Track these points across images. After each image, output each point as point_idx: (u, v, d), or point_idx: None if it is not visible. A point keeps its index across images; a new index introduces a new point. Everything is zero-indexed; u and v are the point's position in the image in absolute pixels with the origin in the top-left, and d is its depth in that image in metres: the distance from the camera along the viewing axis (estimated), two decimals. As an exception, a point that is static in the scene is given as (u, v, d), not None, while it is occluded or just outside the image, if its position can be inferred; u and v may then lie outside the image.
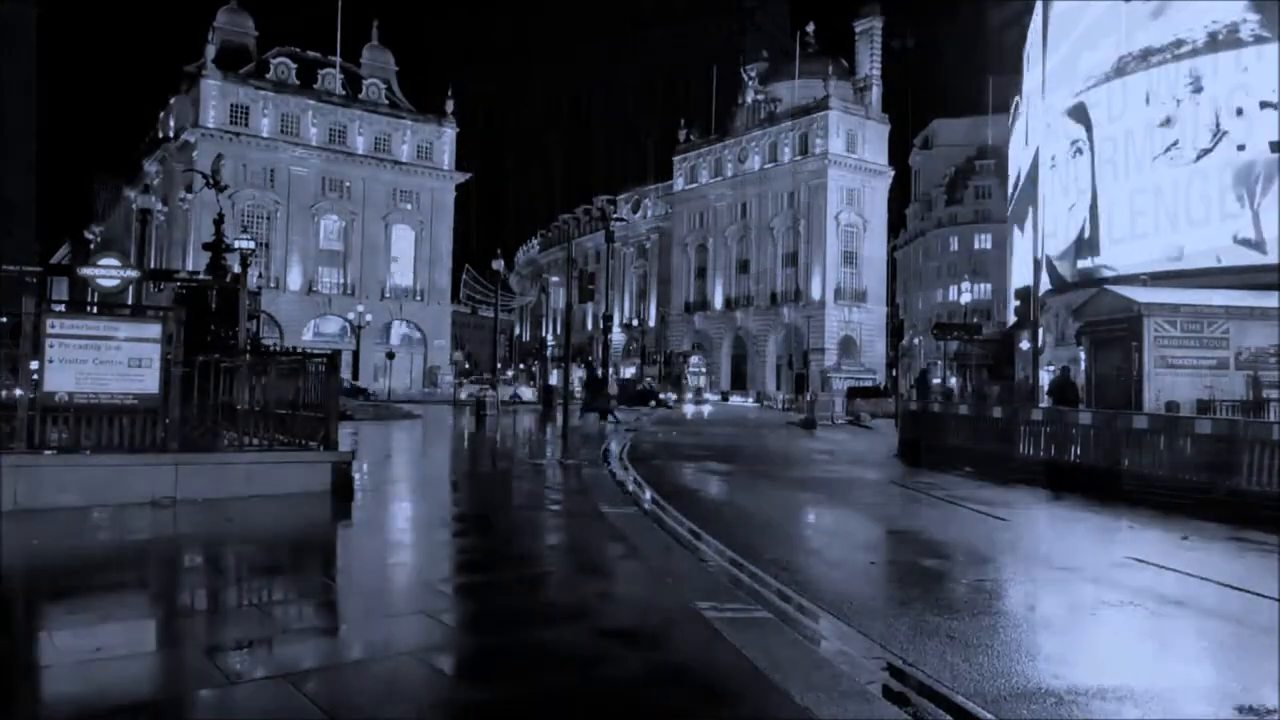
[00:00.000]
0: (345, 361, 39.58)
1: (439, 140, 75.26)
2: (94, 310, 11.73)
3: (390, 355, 61.14)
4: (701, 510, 11.01)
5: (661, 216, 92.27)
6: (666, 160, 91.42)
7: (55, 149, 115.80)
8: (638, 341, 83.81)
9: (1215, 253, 29.27)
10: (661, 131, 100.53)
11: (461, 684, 4.65)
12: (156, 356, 9.51)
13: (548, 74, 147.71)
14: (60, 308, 12.22)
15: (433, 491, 13.44)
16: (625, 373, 70.80)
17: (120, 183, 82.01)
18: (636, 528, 9.03)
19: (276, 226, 67.53)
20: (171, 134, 71.01)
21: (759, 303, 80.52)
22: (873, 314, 77.62)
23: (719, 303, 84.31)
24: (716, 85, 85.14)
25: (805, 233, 76.65)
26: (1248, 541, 9.53)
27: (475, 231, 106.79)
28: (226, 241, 23.25)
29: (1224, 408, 16.40)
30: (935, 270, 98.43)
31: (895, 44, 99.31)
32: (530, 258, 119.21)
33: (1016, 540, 10.22)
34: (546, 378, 61.71)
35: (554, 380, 47.60)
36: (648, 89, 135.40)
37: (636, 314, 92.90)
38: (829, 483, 15.53)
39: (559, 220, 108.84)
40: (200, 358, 10.20)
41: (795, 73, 79.37)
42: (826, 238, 75.08)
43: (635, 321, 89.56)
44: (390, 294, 72.30)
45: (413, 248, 73.89)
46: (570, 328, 30.96)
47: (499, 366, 52.50)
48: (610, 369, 39.31)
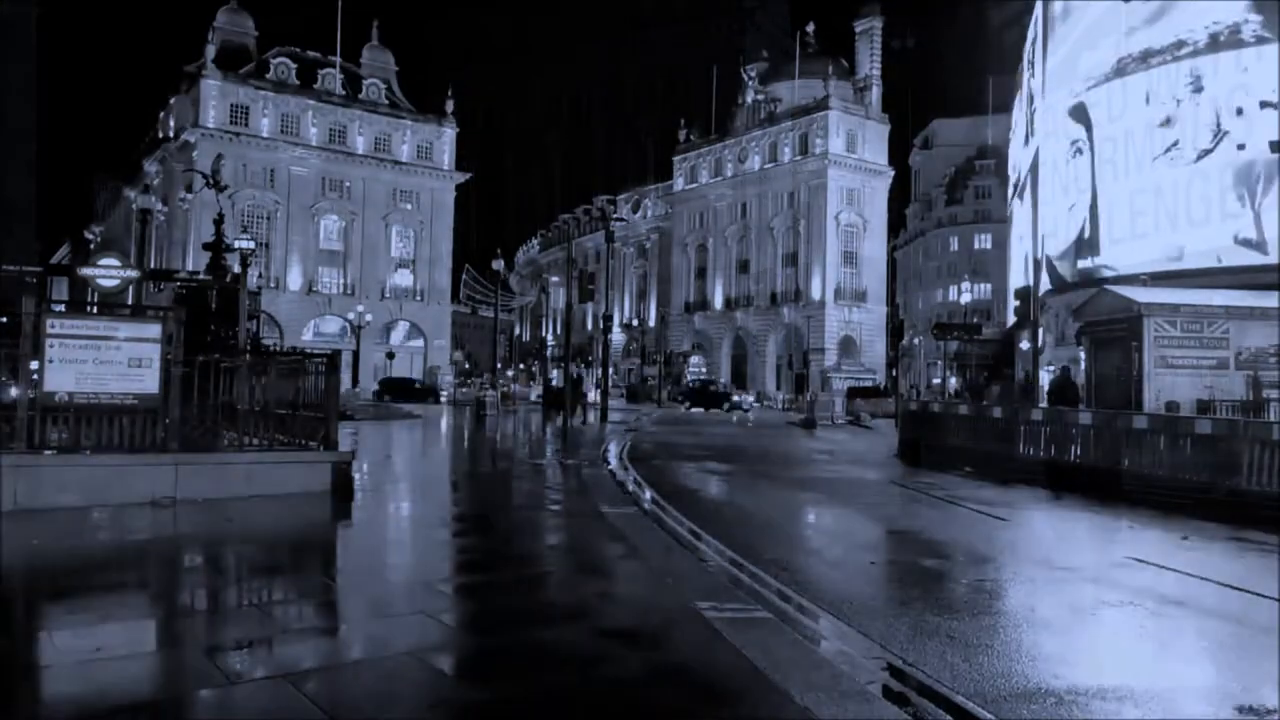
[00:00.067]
0: (345, 361, 39.52)
1: (439, 140, 75.24)
2: (94, 310, 11.74)
3: (390, 355, 61.17)
4: (701, 510, 11.01)
5: (661, 216, 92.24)
6: (666, 160, 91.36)
7: (55, 149, 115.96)
8: (638, 341, 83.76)
9: (1215, 253, 29.28)
10: (661, 131, 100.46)
11: (461, 684, 4.65)
12: (156, 356, 9.51)
13: (548, 74, 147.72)
14: (60, 308, 12.24)
15: (433, 491, 13.44)
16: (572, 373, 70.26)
17: (120, 183, 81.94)
18: (636, 528, 9.03)
19: (276, 226, 67.50)
20: (171, 134, 70.98)
21: (759, 303, 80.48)
22: (873, 314, 77.58)
23: (719, 303, 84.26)
24: (716, 85, 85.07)
25: (805, 233, 76.61)
26: (1248, 541, 9.53)
27: (475, 231, 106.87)
28: (226, 241, 23.25)
29: (1224, 408, 16.39)
30: (935, 270, 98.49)
31: (895, 44, 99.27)
32: (530, 258, 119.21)
33: (1016, 540, 10.23)
34: (548, 378, 61.66)
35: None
36: (648, 89, 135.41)
37: (636, 314, 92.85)
38: (829, 482, 15.53)
39: (559, 220, 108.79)
40: (200, 358, 10.20)
41: (795, 73, 79.32)
42: (826, 238, 75.03)
43: (635, 321, 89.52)
44: (390, 294, 72.30)
45: (413, 248, 73.91)
46: (570, 328, 30.95)
47: (499, 366, 52.45)
48: (609, 369, 39.23)
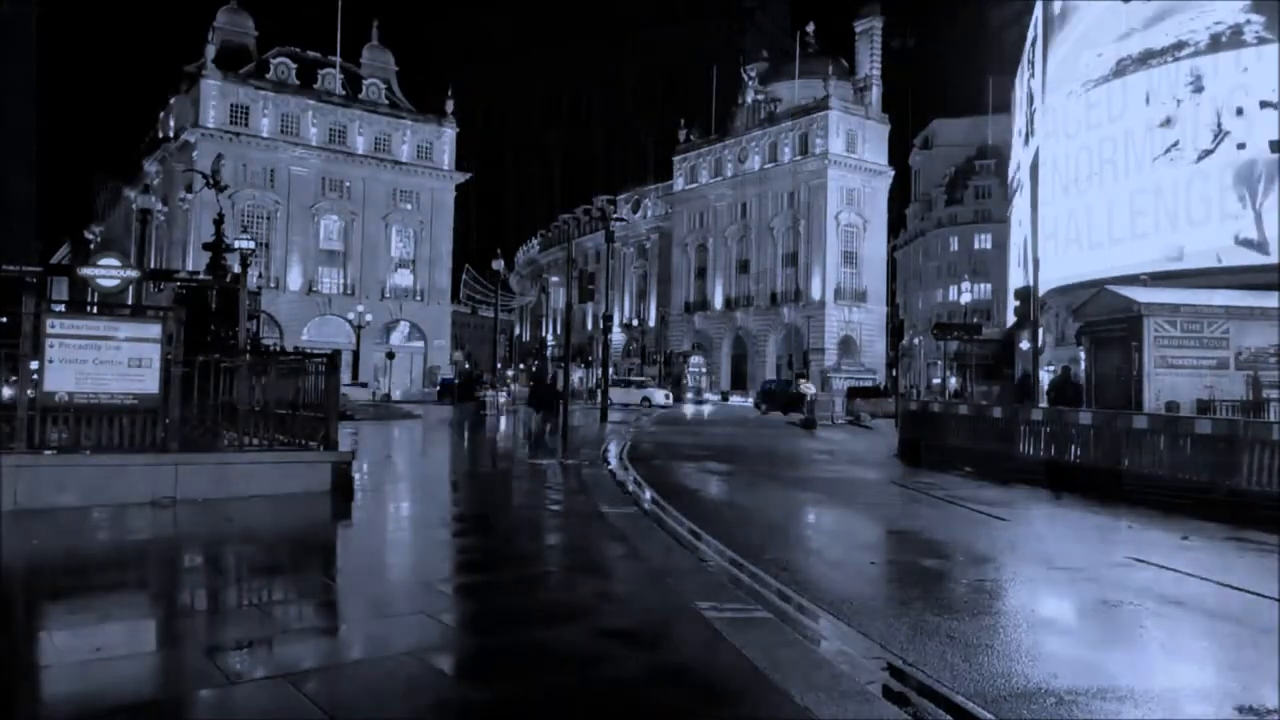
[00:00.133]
0: (345, 361, 39.54)
1: (439, 140, 75.24)
2: (94, 310, 11.74)
3: (390, 355, 61.16)
4: (701, 510, 11.01)
5: (661, 216, 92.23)
6: (666, 160, 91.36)
7: (55, 149, 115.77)
8: (638, 341, 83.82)
9: (1215, 253, 29.26)
10: (661, 131, 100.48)
11: (461, 684, 4.65)
12: (156, 356, 9.52)
13: (548, 74, 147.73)
14: (60, 308, 12.23)
15: (433, 491, 13.44)
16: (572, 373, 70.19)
17: (120, 183, 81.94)
18: (636, 528, 9.03)
19: (276, 226, 67.51)
20: (171, 134, 70.98)
21: (759, 303, 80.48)
22: (873, 314, 77.59)
23: (719, 303, 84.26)
24: (716, 85, 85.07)
25: (805, 233, 76.62)
26: (1248, 541, 9.53)
27: (475, 231, 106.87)
28: (226, 241, 23.24)
29: (1224, 408, 16.37)
30: (935, 270, 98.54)
31: (895, 44, 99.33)
32: (530, 258, 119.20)
33: (1016, 540, 10.22)
34: (539, 370, 61.52)
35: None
36: (648, 89, 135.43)
37: (636, 314, 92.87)
38: (829, 483, 15.53)
39: (559, 220, 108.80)
40: (200, 358, 10.21)
41: (795, 73, 79.34)
42: (826, 238, 75.04)
43: (635, 321, 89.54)
44: (390, 294, 72.31)
45: (413, 248, 73.90)
46: (570, 328, 30.88)
47: (499, 366, 52.41)
48: (609, 369, 39.18)
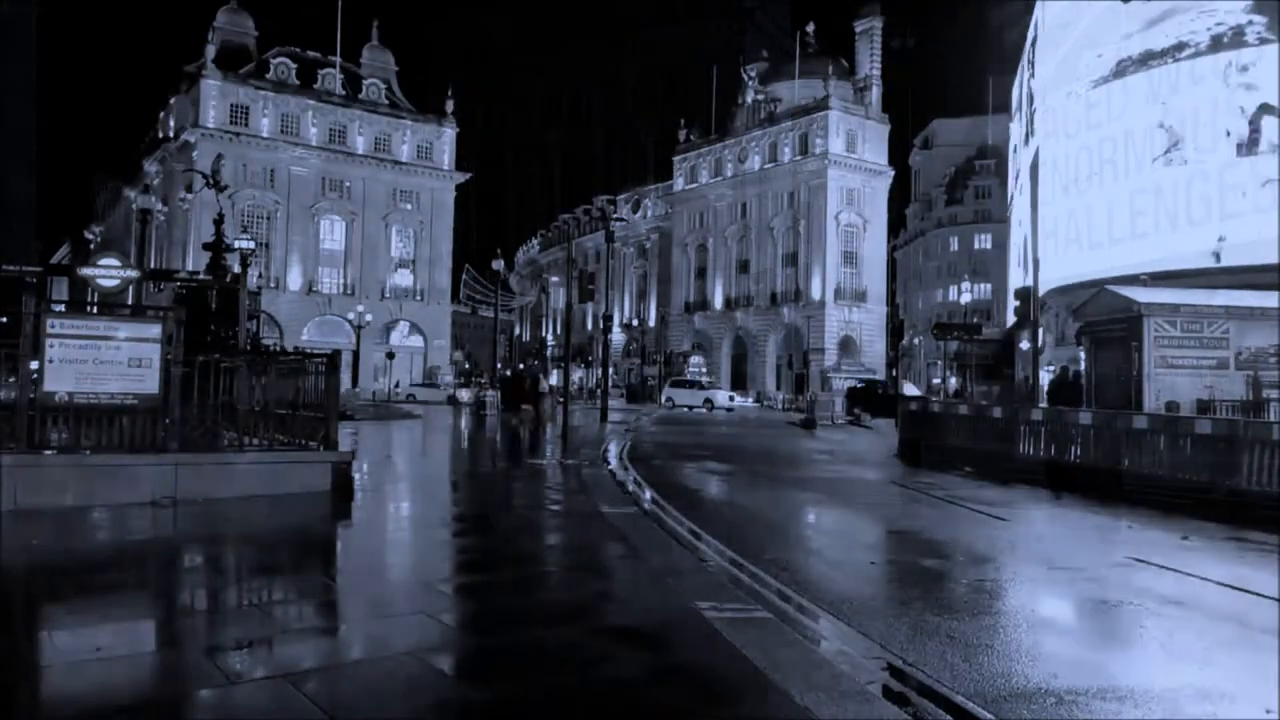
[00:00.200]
0: (345, 361, 39.53)
1: (439, 140, 75.23)
2: (94, 310, 11.73)
3: (390, 355, 61.17)
4: (701, 510, 11.01)
5: (661, 216, 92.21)
6: (666, 160, 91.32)
7: (55, 149, 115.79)
8: (638, 341, 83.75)
9: (1214, 253, 29.27)
10: (661, 131, 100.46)
11: (461, 684, 4.65)
12: (156, 356, 9.52)
13: (548, 74, 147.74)
14: (60, 307, 12.22)
15: (433, 491, 13.44)
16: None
17: (120, 183, 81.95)
18: (636, 527, 9.03)
19: (276, 226, 67.50)
20: (171, 134, 70.98)
21: (759, 303, 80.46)
22: (873, 314, 77.55)
23: (719, 303, 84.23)
24: (716, 85, 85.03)
25: (805, 233, 76.59)
26: (1248, 541, 9.53)
27: (475, 231, 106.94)
28: (226, 241, 23.23)
29: (1224, 408, 16.38)
30: (935, 270, 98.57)
31: (895, 44, 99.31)
32: (530, 258, 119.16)
33: (1016, 540, 10.22)
34: (514, 369, 61.41)
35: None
36: (648, 89, 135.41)
37: (636, 314, 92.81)
38: (829, 482, 15.53)
39: (559, 220, 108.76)
40: (200, 358, 10.20)
41: (795, 73, 79.29)
42: (826, 238, 75.01)
43: (635, 321, 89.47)
44: (390, 294, 72.30)
45: (413, 248, 73.90)
46: (570, 328, 30.88)
47: (499, 366, 52.40)
48: (609, 369, 39.13)
